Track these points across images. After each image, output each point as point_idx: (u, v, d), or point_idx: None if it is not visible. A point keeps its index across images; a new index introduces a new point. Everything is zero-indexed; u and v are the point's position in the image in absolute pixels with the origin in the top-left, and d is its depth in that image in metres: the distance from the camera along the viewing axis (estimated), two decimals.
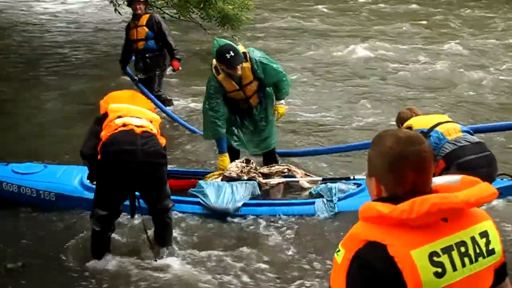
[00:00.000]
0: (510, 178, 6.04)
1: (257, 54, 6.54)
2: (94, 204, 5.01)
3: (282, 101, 6.88)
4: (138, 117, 5.07)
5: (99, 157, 4.85)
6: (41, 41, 16.54)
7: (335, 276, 2.00)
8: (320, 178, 6.41)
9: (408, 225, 1.88)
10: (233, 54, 6.24)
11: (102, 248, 5.14)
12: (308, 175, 6.63)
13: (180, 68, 9.51)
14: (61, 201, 5.93)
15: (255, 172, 6.41)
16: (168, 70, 9.36)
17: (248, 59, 6.43)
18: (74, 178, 6.09)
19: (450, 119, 5.49)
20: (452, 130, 5.21)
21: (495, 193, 2.01)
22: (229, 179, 6.22)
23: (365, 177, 6.01)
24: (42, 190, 5.95)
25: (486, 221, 2.04)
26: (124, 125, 4.92)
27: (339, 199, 5.89)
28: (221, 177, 6.34)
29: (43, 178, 6.07)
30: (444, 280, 1.88)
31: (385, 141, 2.04)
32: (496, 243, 2.03)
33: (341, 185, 6.14)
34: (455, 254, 1.92)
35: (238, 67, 6.30)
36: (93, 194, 5.13)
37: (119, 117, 4.98)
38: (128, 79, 9.83)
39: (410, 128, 5.32)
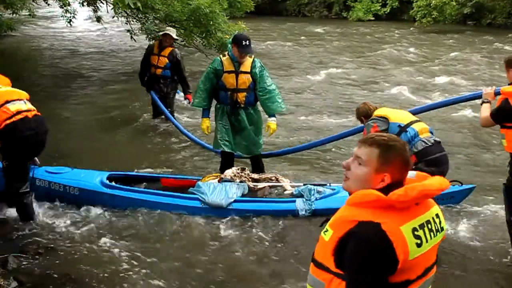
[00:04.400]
0: (460, 184, 6.13)
1: (259, 61, 6.73)
2: (14, 181, 5.46)
3: (274, 118, 6.79)
4: (20, 99, 5.48)
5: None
6: (69, 62, 16.63)
7: (321, 250, 2.14)
8: (302, 184, 6.42)
9: (393, 207, 2.05)
10: (248, 43, 6.47)
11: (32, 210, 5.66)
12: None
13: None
14: (83, 195, 6.00)
15: (246, 177, 6.49)
16: (186, 103, 9.53)
17: (252, 58, 6.63)
18: (95, 178, 6.18)
19: (417, 118, 5.50)
20: (423, 130, 5.26)
21: (449, 184, 2.22)
22: (224, 181, 6.32)
23: (338, 184, 6.11)
24: (68, 186, 6.04)
25: (436, 206, 2.25)
26: (18, 112, 5.32)
27: (317, 199, 5.92)
28: (217, 179, 6.42)
29: (70, 177, 6.17)
30: (421, 249, 2.07)
31: (399, 145, 2.21)
32: (443, 223, 2.25)
33: (318, 188, 6.16)
34: (426, 229, 2.11)
35: (247, 56, 6.54)
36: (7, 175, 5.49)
37: (7, 101, 5.33)
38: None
39: (385, 118, 5.34)
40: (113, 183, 6.15)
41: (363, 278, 2.01)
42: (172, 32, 9.60)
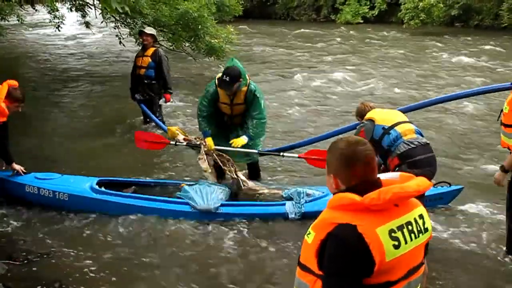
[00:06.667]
0: (448, 185, 6.17)
1: (255, 87, 6.51)
2: None
3: (247, 139, 6.58)
4: None
5: None
6: (59, 66, 16.59)
7: (305, 253, 2.16)
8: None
9: (370, 209, 2.06)
10: (228, 79, 6.26)
11: None
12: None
13: (171, 100, 9.64)
14: (73, 200, 6.00)
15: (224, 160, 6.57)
16: (161, 101, 9.37)
17: (247, 86, 6.44)
18: (85, 184, 6.18)
19: (406, 118, 5.47)
20: (407, 131, 5.20)
21: (431, 184, 2.24)
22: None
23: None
24: (57, 191, 6.02)
25: (420, 206, 2.25)
26: None
27: (306, 202, 5.90)
28: (183, 137, 6.79)
29: (59, 182, 6.17)
30: (399, 251, 2.07)
31: (339, 145, 2.26)
32: (428, 223, 2.25)
33: (308, 190, 6.14)
34: (405, 231, 2.12)
35: (229, 90, 6.34)
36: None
37: None
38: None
39: (372, 120, 5.34)
40: (103, 189, 6.13)
41: (339, 280, 2.04)
42: (148, 30, 9.58)
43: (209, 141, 6.69)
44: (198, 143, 6.55)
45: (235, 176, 6.52)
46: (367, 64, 16.75)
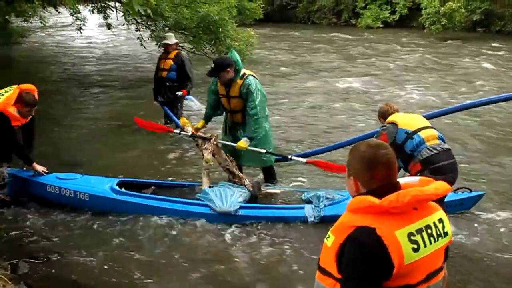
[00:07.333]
0: (469, 191, 6.11)
1: (251, 81, 6.36)
2: None
3: (247, 140, 6.43)
4: None
5: None
6: (82, 69, 16.73)
7: (325, 257, 2.16)
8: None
9: (389, 212, 2.05)
10: (213, 66, 6.39)
11: None
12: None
13: (189, 96, 9.70)
14: (93, 200, 6.04)
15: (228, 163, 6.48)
16: (178, 93, 9.40)
17: (243, 80, 6.38)
18: (105, 184, 6.22)
19: (429, 124, 5.45)
20: (431, 137, 5.20)
21: (449, 188, 2.22)
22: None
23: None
24: (78, 192, 6.07)
25: (440, 210, 2.24)
26: None
27: (326, 205, 5.87)
28: (192, 130, 6.74)
29: (80, 183, 6.22)
30: (418, 254, 2.06)
31: (360, 148, 2.25)
32: (448, 228, 2.23)
33: (328, 194, 6.09)
34: (424, 234, 2.10)
35: (219, 79, 6.42)
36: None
37: None
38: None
39: (395, 124, 5.34)
40: (123, 189, 6.17)
41: (358, 283, 2.03)
42: (170, 38, 9.66)
43: (200, 123, 6.91)
44: (205, 136, 6.51)
45: (239, 177, 6.46)
46: (393, 69, 16.70)
